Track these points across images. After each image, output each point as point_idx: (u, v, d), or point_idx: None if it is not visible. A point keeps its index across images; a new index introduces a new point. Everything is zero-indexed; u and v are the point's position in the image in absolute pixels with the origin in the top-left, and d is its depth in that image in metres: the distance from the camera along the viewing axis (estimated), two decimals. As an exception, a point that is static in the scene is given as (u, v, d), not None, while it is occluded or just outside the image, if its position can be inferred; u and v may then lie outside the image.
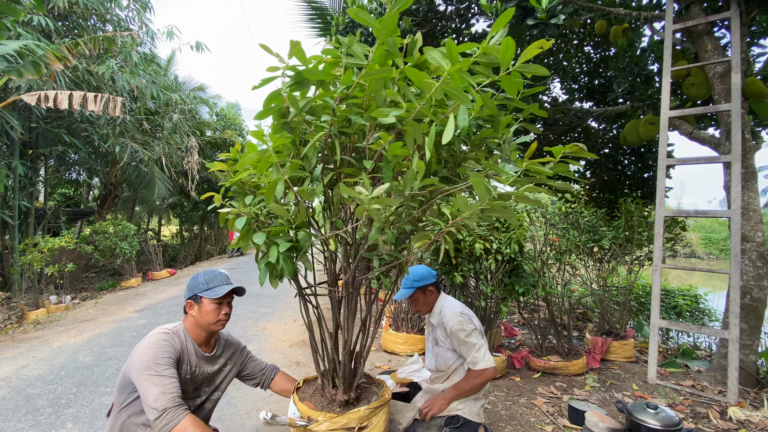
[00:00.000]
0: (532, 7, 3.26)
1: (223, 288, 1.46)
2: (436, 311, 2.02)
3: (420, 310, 2.06)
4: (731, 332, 2.88)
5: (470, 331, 1.86)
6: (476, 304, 3.10)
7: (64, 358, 3.63)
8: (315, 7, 5.37)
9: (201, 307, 1.45)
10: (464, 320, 1.89)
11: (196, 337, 1.49)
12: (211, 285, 1.46)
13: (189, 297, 1.48)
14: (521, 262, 3.03)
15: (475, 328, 1.89)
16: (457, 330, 1.86)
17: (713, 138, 3.62)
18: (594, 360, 3.34)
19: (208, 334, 1.52)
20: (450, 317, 1.91)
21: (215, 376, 1.57)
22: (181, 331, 1.47)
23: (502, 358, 3.19)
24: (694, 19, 3.59)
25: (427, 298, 2.03)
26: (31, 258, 6.38)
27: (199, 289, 1.46)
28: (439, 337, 1.99)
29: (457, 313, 1.92)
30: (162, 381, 1.26)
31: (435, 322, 2.01)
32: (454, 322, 1.88)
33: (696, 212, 3.27)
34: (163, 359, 1.31)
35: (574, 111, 5.55)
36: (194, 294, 1.46)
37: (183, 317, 1.53)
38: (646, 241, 3.81)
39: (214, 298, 1.44)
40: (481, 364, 1.81)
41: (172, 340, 1.39)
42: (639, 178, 6.13)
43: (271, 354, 3.70)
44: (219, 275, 1.50)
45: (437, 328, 2.00)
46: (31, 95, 5.87)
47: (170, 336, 1.41)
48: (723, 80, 3.45)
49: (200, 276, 1.50)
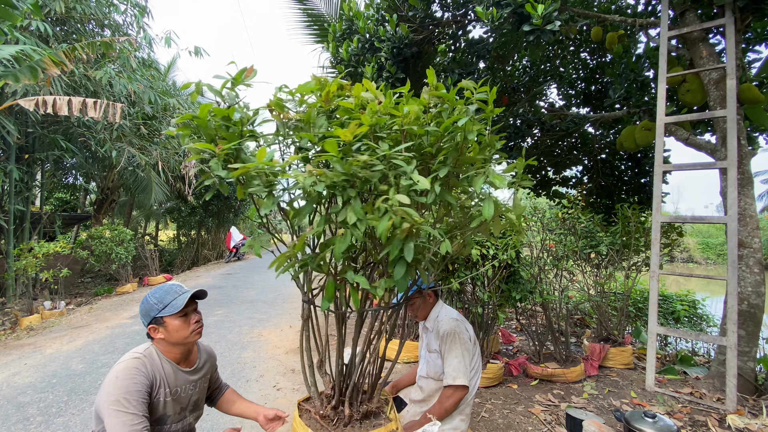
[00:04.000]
0: (528, 13, 3.27)
1: (180, 299, 1.33)
2: (432, 316, 2.00)
3: (417, 315, 2.04)
4: (729, 339, 2.86)
5: (462, 339, 1.83)
6: (473, 310, 3.07)
7: (56, 365, 3.58)
8: (311, 14, 5.39)
9: (166, 327, 1.33)
10: (459, 326, 1.87)
11: (173, 357, 1.39)
12: (166, 301, 1.33)
13: (148, 323, 1.34)
14: (518, 268, 3.01)
15: (468, 338, 1.87)
16: (449, 333, 1.83)
17: (709, 144, 3.63)
18: (592, 367, 3.32)
19: (186, 350, 1.42)
20: (445, 321, 1.90)
21: (197, 384, 1.47)
22: (154, 354, 1.35)
23: (500, 366, 3.16)
24: (689, 25, 3.61)
25: (425, 303, 2.01)
26: (26, 263, 6.32)
27: (155, 310, 1.32)
28: (432, 342, 1.97)
29: (454, 318, 1.91)
30: (129, 420, 1.16)
31: (430, 327, 1.99)
32: (448, 326, 1.86)
33: (693, 218, 3.27)
34: (133, 393, 1.21)
35: (571, 117, 5.57)
36: (152, 318, 1.33)
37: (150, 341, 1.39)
38: (643, 246, 3.80)
39: (176, 312, 1.31)
40: (460, 380, 1.76)
41: (144, 367, 1.28)
42: (636, 183, 6.15)
43: (266, 361, 3.67)
44: (169, 289, 1.37)
45: (431, 332, 1.98)
46: (29, 100, 5.85)
47: (141, 362, 1.29)
48: (718, 86, 3.46)
49: (150, 298, 1.36)
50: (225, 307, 5.74)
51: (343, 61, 4.58)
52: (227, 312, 5.44)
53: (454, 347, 1.81)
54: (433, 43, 5.03)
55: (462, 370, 1.78)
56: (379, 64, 4.39)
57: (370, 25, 4.43)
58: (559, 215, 3.76)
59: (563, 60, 6.11)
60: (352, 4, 4.59)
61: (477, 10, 3.56)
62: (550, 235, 3.69)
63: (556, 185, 7.08)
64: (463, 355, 1.81)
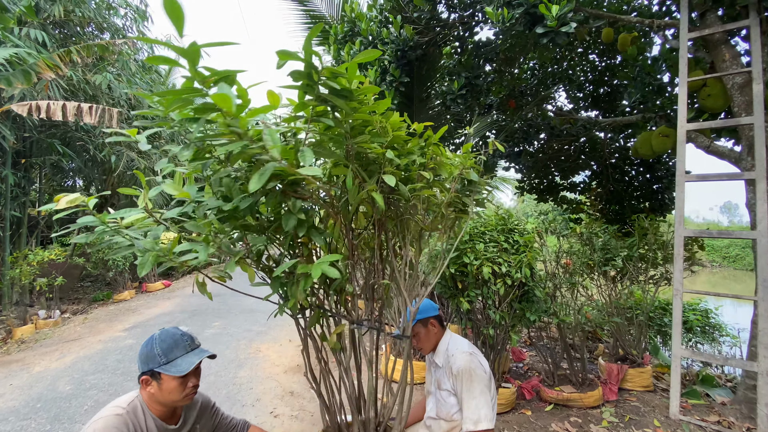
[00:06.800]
0: (541, 14, 3.08)
1: (187, 360, 1.18)
2: (441, 349, 1.80)
3: (422, 348, 1.85)
4: (761, 365, 2.65)
5: (479, 377, 1.64)
6: (484, 331, 2.87)
7: (43, 386, 3.39)
8: (313, 15, 5.22)
9: (161, 384, 1.17)
10: (474, 361, 1.68)
11: (158, 413, 1.24)
12: (172, 356, 1.17)
13: (144, 371, 1.19)
14: (533, 287, 2.81)
15: (485, 374, 1.67)
16: (464, 370, 1.64)
17: (733, 152, 3.42)
18: (610, 392, 3.11)
19: (172, 409, 1.26)
20: (458, 356, 1.70)
21: None
22: (138, 407, 1.20)
23: (512, 390, 2.96)
24: (711, 27, 3.41)
25: (429, 333, 1.81)
26: (20, 272, 6.16)
27: (156, 363, 1.16)
28: (443, 380, 1.77)
29: (467, 353, 1.71)
30: None
31: (440, 362, 1.79)
32: (463, 362, 1.66)
33: (719, 233, 3.06)
34: None
35: (582, 121, 5.37)
36: (150, 369, 1.17)
37: (138, 391, 1.25)
38: (662, 260, 3.59)
39: (178, 375, 1.15)
40: (483, 424, 1.55)
41: (126, 426, 1.14)
42: (648, 189, 5.94)
43: (264, 382, 3.47)
44: (180, 340, 1.21)
45: (442, 369, 1.78)
46: (22, 105, 5.70)
47: (123, 420, 1.14)
48: (743, 91, 3.26)
49: (156, 343, 1.19)
50: (223, 317, 5.55)
51: (344, 64, 4.40)
52: (225, 324, 5.25)
53: (472, 387, 1.61)
54: (439, 45, 4.85)
55: (484, 411, 1.58)
56: (382, 67, 4.20)
57: (373, 27, 4.25)
58: (577, 230, 3.56)
59: (570, 62, 5.92)
60: (355, 5, 4.41)
61: (486, 10, 3.38)
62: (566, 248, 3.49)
63: (564, 190, 6.88)
64: (482, 393, 1.61)
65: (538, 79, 5.94)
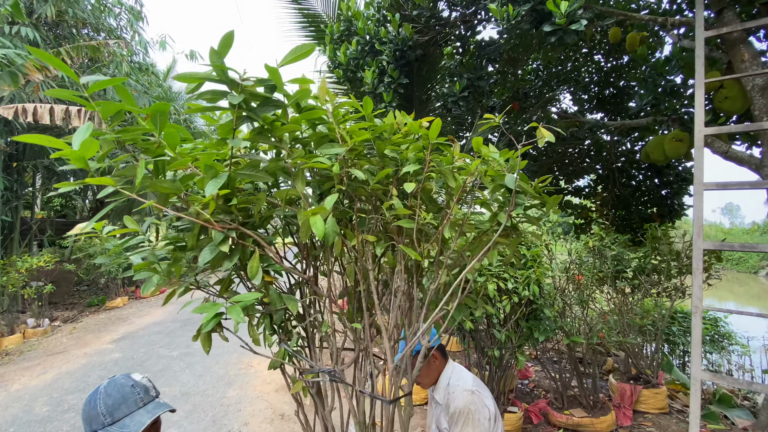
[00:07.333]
0: (549, 11, 2.88)
1: (136, 419, 0.97)
2: (442, 384, 1.60)
3: (422, 382, 1.64)
4: (790, 390, 2.44)
5: (476, 421, 1.43)
6: (489, 353, 2.67)
7: (19, 407, 3.19)
8: (308, 14, 5.03)
9: None
10: (475, 402, 1.47)
11: None
12: (118, 414, 0.97)
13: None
14: (541, 305, 2.60)
15: (486, 418, 1.46)
16: (461, 411, 1.44)
17: (753, 158, 3.21)
18: (624, 416, 2.89)
19: None
20: (458, 394, 1.49)
21: None
22: None
23: (519, 416, 2.75)
24: (728, 25, 3.20)
25: (430, 367, 1.61)
26: (7, 279, 5.97)
27: (99, 423, 0.96)
28: (441, 419, 1.57)
29: (469, 391, 1.50)
30: None
31: (440, 399, 1.59)
32: (462, 402, 1.46)
33: (741, 246, 2.84)
34: None
35: (589, 124, 5.17)
36: (94, 431, 0.96)
37: None
38: (676, 272, 3.38)
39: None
40: None
41: None
42: (656, 194, 5.72)
43: (253, 402, 3.26)
44: (130, 394, 1.00)
45: (442, 407, 1.58)
46: (7, 108, 5.52)
47: None
48: (764, 94, 3.06)
49: (100, 399, 0.98)
50: (216, 327, 5.35)
51: (341, 65, 4.20)
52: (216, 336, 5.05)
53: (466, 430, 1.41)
54: (439, 45, 4.65)
55: None
56: (380, 68, 4.00)
57: (371, 25, 4.05)
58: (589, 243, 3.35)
59: (575, 63, 5.72)
60: (351, 3, 4.22)
61: (490, 7, 3.18)
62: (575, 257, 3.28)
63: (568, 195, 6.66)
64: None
65: (543, 81, 5.74)
